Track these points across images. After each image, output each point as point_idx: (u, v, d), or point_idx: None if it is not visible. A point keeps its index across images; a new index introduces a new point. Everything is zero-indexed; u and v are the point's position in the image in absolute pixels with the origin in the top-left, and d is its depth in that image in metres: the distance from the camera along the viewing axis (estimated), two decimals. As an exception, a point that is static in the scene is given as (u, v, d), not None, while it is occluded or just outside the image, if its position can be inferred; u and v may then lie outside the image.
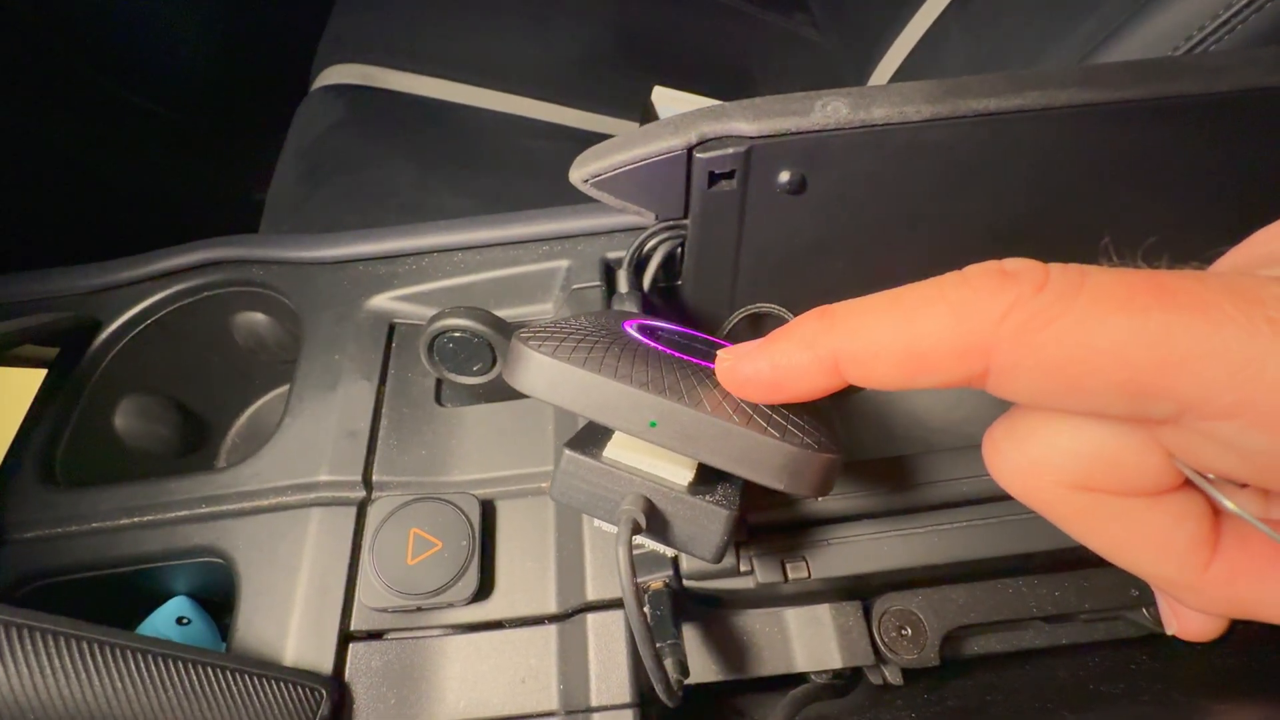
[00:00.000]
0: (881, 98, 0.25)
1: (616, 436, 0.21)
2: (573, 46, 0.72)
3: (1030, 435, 0.15)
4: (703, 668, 0.27)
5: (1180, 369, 0.12)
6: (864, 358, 0.15)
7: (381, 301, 0.35)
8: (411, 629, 0.27)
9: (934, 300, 0.14)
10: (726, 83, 0.74)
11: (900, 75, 0.64)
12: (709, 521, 0.20)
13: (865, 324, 0.15)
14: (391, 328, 0.35)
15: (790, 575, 0.24)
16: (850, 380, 0.16)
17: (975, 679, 0.28)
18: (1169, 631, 0.18)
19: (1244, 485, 0.14)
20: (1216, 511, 0.15)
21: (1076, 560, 0.26)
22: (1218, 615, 0.17)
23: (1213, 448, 0.13)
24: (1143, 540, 0.15)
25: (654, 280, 0.32)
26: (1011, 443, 0.16)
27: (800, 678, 0.27)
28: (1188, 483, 0.14)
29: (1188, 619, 0.18)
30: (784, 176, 0.27)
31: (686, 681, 0.22)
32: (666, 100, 0.57)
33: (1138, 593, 0.26)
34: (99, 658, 0.22)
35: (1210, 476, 0.14)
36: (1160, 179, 0.27)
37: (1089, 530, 0.15)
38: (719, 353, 0.19)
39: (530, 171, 0.63)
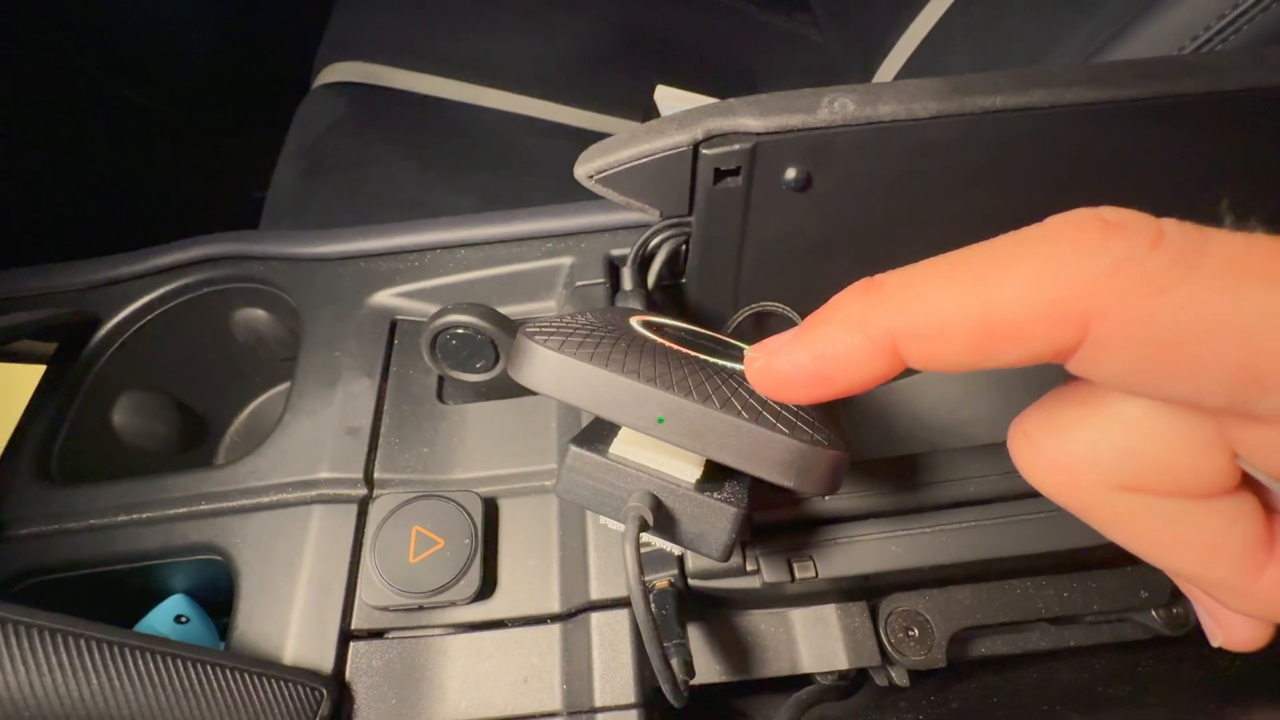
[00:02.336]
0: (888, 95, 0.25)
1: (623, 433, 0.21)
2: (575, 45, 0.72)
3: (1072, 429, 0.14)
4: (707, 668, 0.26)
5: None
6: (928, 334, 0.13)
7: (383, 298, 0.35)
8: (413, 628, 0.27)
9: (1015, 259, 0.12)
10: (729, 83, 0.74)
11: (903, 76, 0.64)
12: (717, 519, 0.20)
13: (926, 294, 0.13)
14: (393, 324, 0.35)
15: (797, 575, 0.24)
16: (911, 363, 0.14)
17: (980, 681, 0.28)
18: (1215, 643, 0.17)
19: None
20: (1271, 513, 0.14)
21: (1084, 562, 0.26)
22: (1267, 619, 0.15)
23: None
24: (1192, 543, 0.13)
25: (658, 278, 0.32)
26: (1049, 436, 0.14)
27: (805, 679, 0.27)
28: (1242, 485, 0.13)
29: (1235, 629, 0.16)
30: (790, 173, 0.27)
31: (691, 682, 0.22)
32: (670, 99, 0.57)
33: (1146, 595, 0.26)
34: (96, 655, 0.21)
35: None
36: (1167, 178, 0.27)
37: (1130, 532, 0.14)
38: (747, 351, 0.17)
39: (531, 170, 0.63)
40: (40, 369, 0.35)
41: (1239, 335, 0.11)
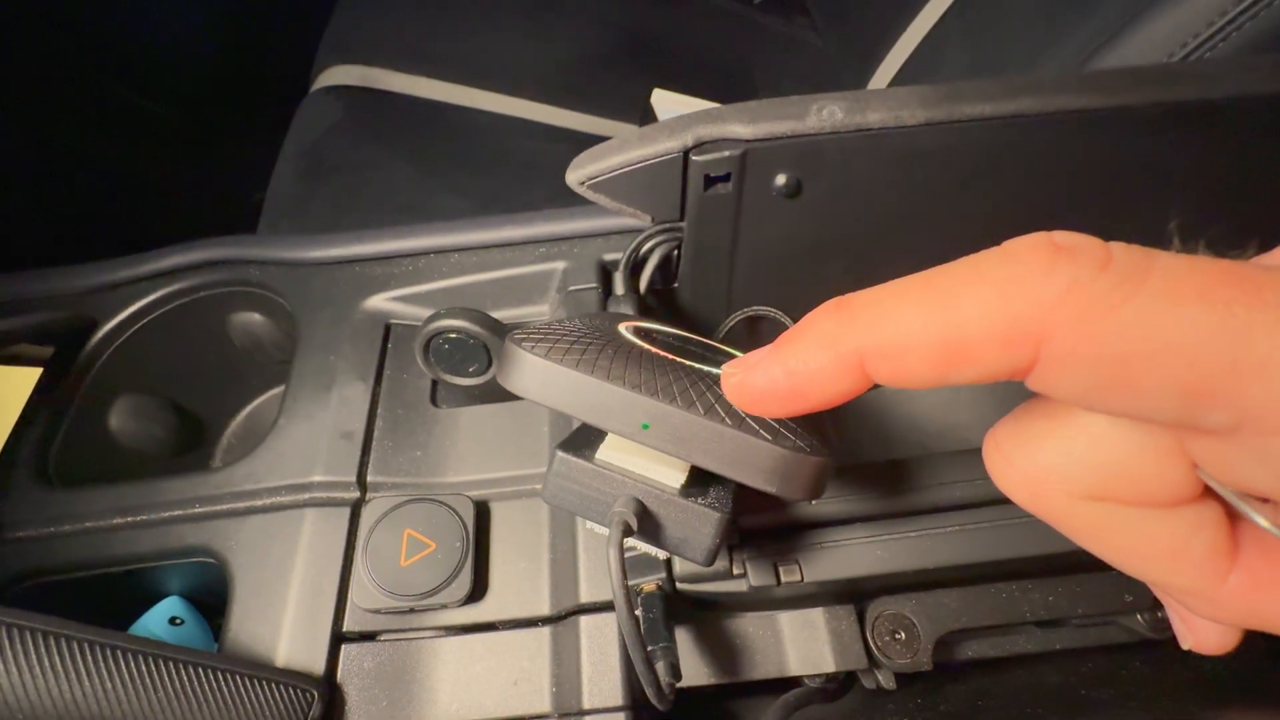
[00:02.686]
0: (877, 102, 0.25)
1: (609, 439, 0.21)
2: (572, 48, 0.72)
3: (1041, 441, 0.14)
4: (695, 671, 0.27)
5: (1256, 374, 0.11)
6: (893, 352, 0.13)
7: (378, 302, 0.35)
8: (404, 630, 0.27)
9: (973, 280, 0.13)
10: (727, 86, 0.74)
11: (900, 79, 0.64)
12: (701, 524, 0.20)
13: (892, 314, 0.13)
14: (387, 329, 0.35)
15: (783, 578, 0.24)
16: (878, 379, 0.14)
17: (967, 684, 0.28)
18: (1185, 646, 0.17)
19: (1265, 500, 0.13)
20: (1234, 520, 0.14)
21: (1070, 565, 0.26)
22: (1233, 626, 0.16)
23: (1255, 464, 0.12)
24: (1157, 550, 0.14)
25: (650, 282, 0.32)
26: (1019, 448, 0.14)
27: (793, 681, 0.27)
28: (1205, 493, 0.14)
29: (1204, 632, 0.16)
30: (780, 180, 0.27)
31: (679, 685, 0.22)
32: (666, 103, 0.58)
33: (1131, 598, 0.26)
34: (90, 657, 0.22)
35: (1231, 491, 0.13)
36: (1156, 186, 0.27)
37: (1099, 540, 0.14)
38: (724, 367, 0.17)
39: (529, 173, 0.63)
40: (37, 372, 0.35)
41: (1182, 353, 0.11)
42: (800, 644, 0.27)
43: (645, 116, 0.62)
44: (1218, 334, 0.11)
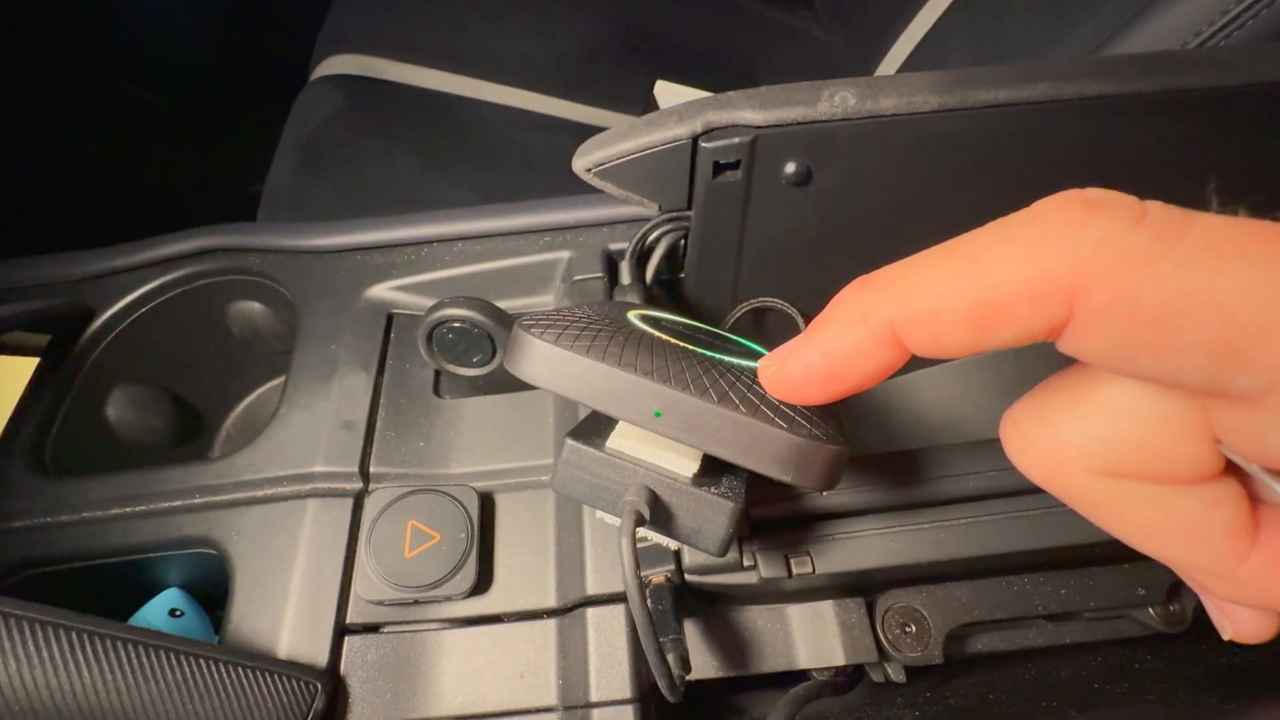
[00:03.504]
0: (889, 88, 0.25)
1: (620, 427, 0.21)
2: (574, 40, 0.72)
3: (1059, 417, 0.14)
4: (703, 664, 0.26)
5: None
6: (926, 319, 0.13)
7: (380, 291, 0.35)
8: (408, 622, 0.27)
9: (1002, 241, 0.13)
10: (729, 79, 0.73)
11: (904, 72, 0.64)
12: (714, 514, 0.20)
13: (920, 282, 0.14)
14: (389, 318, 0.34)
15: (794, 570, 0.24)
16: (914, 350, 0.14)
17: (977, 678, 0.28)
18: (1225, 636, 0.17)
19: None
20: (1255, 500, 0.14)
21: (1082, 558, 0.26)
22: (1253, 606, 0.16)
23: None
24: (1176, 528, 0.14)
25: (656, 272, 0.32)
26: (1037, 424, 0.14)
27: (802, 675, 0.27)
28: (1226, 471, 0.14)
29: (1243, 621, 0.16)
30: (790, 167, 0.26)
31: (687, 677, 0.22)
32: (669, 94, 0.57)
33: (1144, 592, 0.26)
34: (89, 648, 0.21)
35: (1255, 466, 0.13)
36: (1169, 172, 0.27)
37: (1117, 518, 0.14)
38: (760, 361, 0.17)
39: (530, 165, 0.62)
40: (34, 361, 0.35)
41: (1217, 310, 0.11)
42: (809, 637, 0.26)
43: (648, 108, 0.61)
44: (1256, 291, 0.11)
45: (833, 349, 0.15)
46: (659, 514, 0.20)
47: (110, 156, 0.77)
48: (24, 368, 0.35)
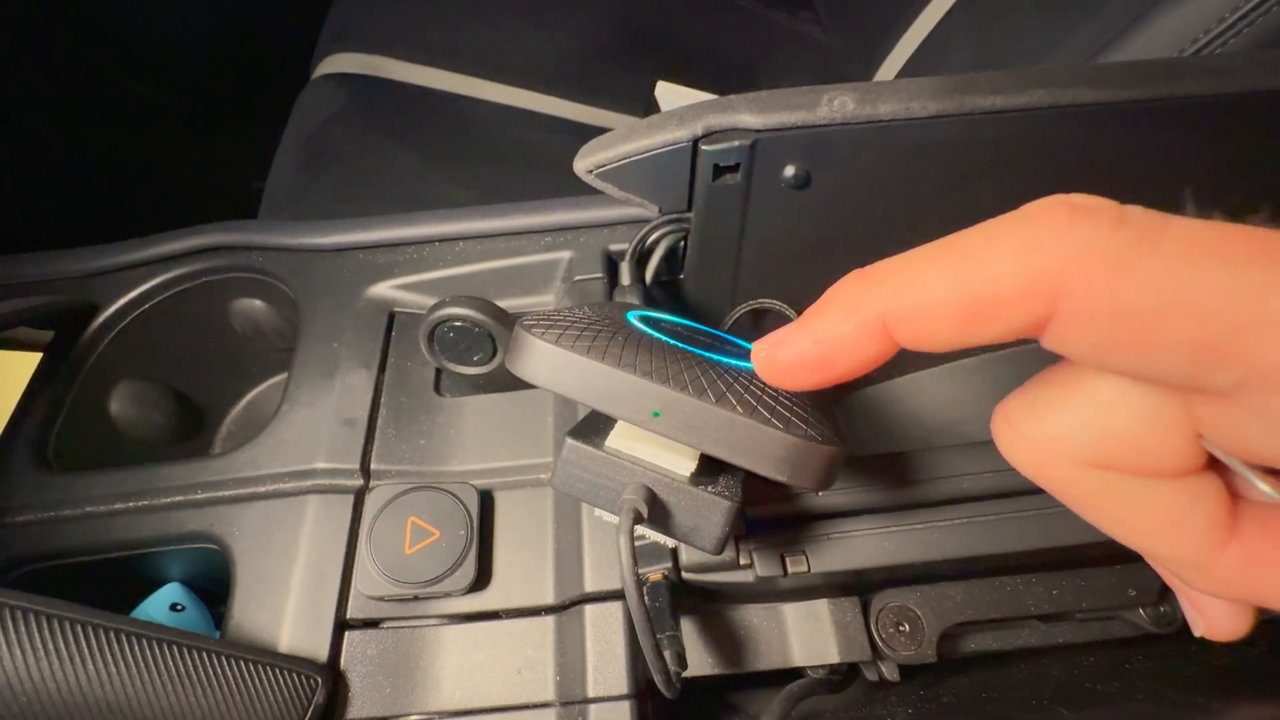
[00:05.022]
0: (888, 93, 0.25)
1: (619, 426, 0.21)
2: (576, 40, 0.72)
3: (1048, 409, 0.14)
4: (699, 661, 0.27)
5: (1266, 332, 0.11)
6: (916, 314, 0.14)
7: (381, 290, 0.35)
8: (408, 618, 0.27)
9: (993, 240, 0.13)
10: (730, 80, 0.74)
11: (905, 74, 0.64)
12: (711, 512, 0.20)
13: (913, 277, 0.14)
14: (391, 316, 0.35)
15: (790, 569, 0.24)
16: (903, 342, 0.15)
17: (971, 677, 0.28)
18: (1197, 632, 0.17)
19: (1270, 471, 0.14)
20: (1234, 493, 0.14)
21: (1074, 560, 0.26)
22: (1229, 600, 0.16)
23: (1259, 429, 0.12)
24: (1156, 521, 0.14)
25: (656, 273, 0.32)
26: (1028, 417, 0.15)
27: (796, 672, 0.27)
28: (1207, 466, 0.14)
29: (1215, 618, 0.17)
30: (789, 171, 0.27)
31: (683, 674, 0.22)
32: (670, 95, 0.57)
33: (1135, 593, 0.26)
34: (91, 640, 0.21)
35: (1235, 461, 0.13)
36: (1166, 179, 0.27)
37: (1100, 510, 0.15)
38: (754, 344, 0.18)
39: (531, 165, 0.62)
40: (37, 356, 0.35)
41: (1194, 310, 0.11)
42: (804, 635, 0.27)
43: (649, 109, 0.61)
44: (1230, 292, 0.11)
45: (825, 337, 0.15)
46: (657, 512, 0.20)
47: (113, 153, 0.77)
48: (27, 363, 0.35)
